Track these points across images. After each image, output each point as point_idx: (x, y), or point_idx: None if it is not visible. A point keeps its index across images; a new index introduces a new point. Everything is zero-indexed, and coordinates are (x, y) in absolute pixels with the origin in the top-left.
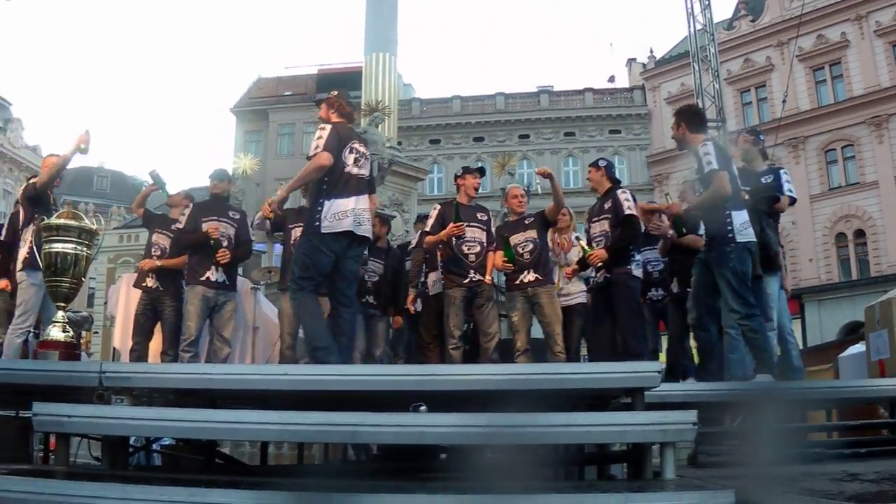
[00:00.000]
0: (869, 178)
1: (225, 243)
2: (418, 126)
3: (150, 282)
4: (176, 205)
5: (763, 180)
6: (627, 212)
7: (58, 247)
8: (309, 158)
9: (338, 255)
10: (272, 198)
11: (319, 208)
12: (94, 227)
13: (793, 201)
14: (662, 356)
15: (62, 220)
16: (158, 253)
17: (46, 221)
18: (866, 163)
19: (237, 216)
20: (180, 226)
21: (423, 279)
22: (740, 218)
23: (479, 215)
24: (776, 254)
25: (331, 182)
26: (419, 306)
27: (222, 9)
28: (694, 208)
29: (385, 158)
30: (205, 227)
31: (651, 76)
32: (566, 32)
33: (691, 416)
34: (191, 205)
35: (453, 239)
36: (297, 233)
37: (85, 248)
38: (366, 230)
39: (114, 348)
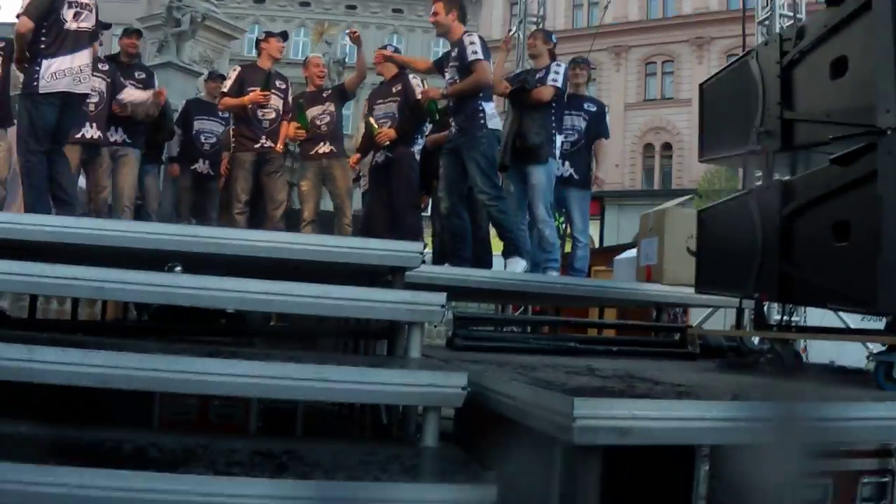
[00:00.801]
0: (684, 95)
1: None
2: None
3: None
4: None
5: (536, 75)
6: (420, 96)
7: None
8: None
9: (59, 111)
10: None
11: (38, 68)
12: None
13: (558, 92)
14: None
15: None
16: None
17: None
18: (684, 80)
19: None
20: None
21: None
22: (490, 107)
23: (277, 83)
24: (538, 145)
25: (47, 41)
26: None
27: None
28: (452, 94)
29: (199, 12)
30: None
31: None
32: None
33: (440, 298)
34: None
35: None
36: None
37: None
38: (85, 87)
39: None
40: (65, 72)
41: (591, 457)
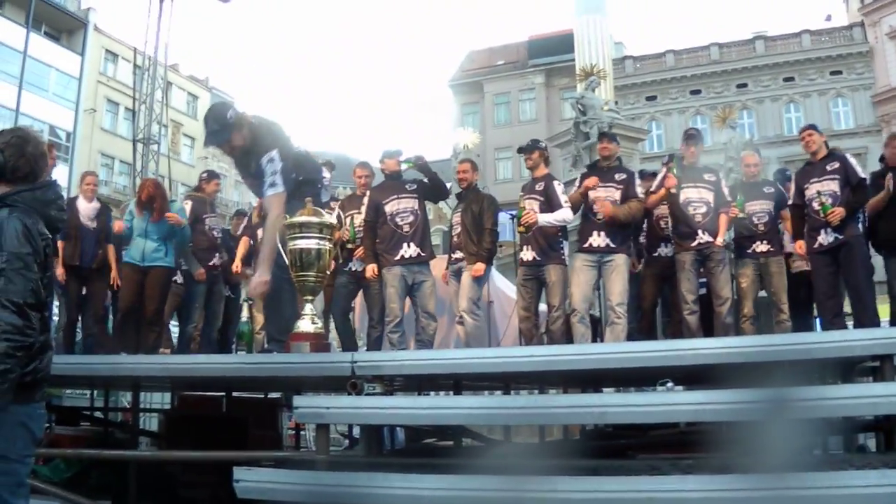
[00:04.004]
0: None
1: (411, 218)
2: (633, 84)
3: (351, 265)
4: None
5: None
6: (862, 175)
7: (301, 243)
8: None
9: None
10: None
11: None
12: (334, 221)
13: None
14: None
15: (304, 218)
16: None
17: (289, 220)
18: None
19: (415, 187)
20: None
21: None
22: None
23: (706, 176)
24: None
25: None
26: None
27: None
28: None
29: (604, 122)
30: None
31: (870, 11)
32: None
33: None
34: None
35: (680, 198)
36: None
37: (326, 242)
38: None
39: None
40: None
41: None
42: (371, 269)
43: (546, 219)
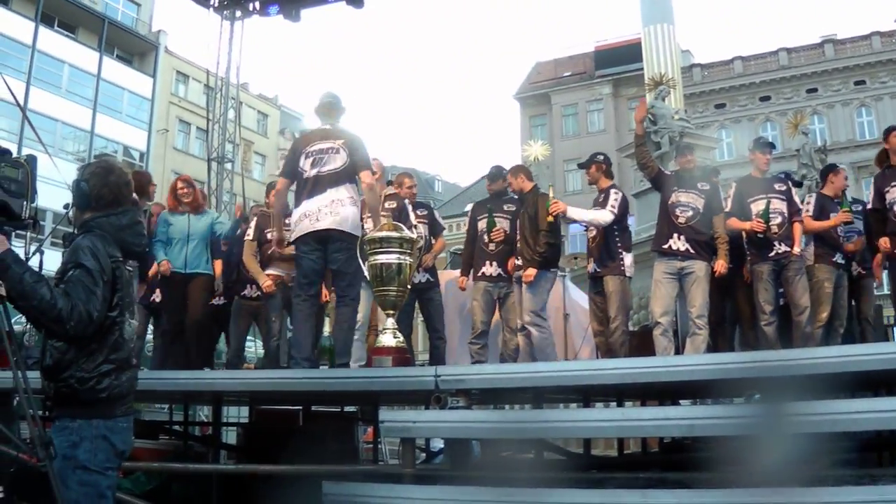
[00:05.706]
0: None
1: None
2: (701, 92)
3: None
4: None
5: None
6: None
7: (382, 258)
8: None
9: (319, 254)
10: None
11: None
12: (414, 236)
13: None
14: None
15: (384, 233)
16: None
17: (369, 235)
18: None
19: (513, 208)
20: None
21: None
22: None
23: (776, 186)
24: None
25: (296, 192)
26: None
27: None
28: None
29: (675, 131)
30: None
31: None
32: None
33: None
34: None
35: (752, 211)
36: None
37: (407, 257)
38: (330, 222)
39: None
40: (301, 216)
41: None
42: (463, 280)
43: (579, 213)
